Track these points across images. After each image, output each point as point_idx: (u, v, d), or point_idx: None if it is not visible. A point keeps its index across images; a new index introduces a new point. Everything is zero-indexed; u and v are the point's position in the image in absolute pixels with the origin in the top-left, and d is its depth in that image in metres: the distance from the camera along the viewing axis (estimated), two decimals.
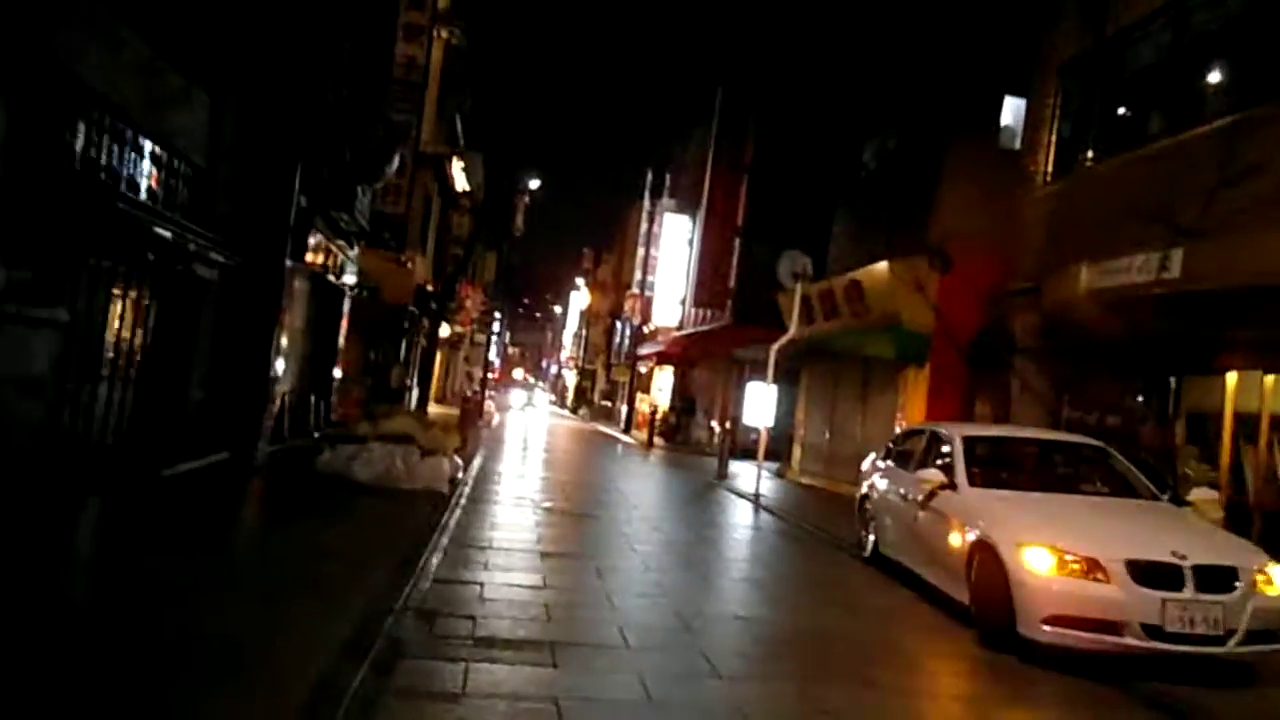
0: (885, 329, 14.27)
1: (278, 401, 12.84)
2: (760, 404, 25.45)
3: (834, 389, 17.65)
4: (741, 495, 14.84)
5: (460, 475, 11.65)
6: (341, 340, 17.08)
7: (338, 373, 17.16)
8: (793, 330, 14.65)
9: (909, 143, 15.73)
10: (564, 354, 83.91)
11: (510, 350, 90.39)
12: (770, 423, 26.18)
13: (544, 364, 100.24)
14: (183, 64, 9.26)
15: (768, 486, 16.05)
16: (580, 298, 70.50)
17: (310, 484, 9.89)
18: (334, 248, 14.85)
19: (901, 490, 8.13)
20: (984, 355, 13.48)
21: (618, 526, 10.17)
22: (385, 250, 19.35)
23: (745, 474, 17.94)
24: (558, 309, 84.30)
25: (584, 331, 72.69)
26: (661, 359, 32.03)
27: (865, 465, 9.86)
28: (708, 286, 25.81)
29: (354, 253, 16.80)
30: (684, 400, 29.20)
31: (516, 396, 43.19)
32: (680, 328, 32.12)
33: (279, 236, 12.09)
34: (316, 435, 15.13)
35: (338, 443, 10.30)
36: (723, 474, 16.97)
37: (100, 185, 7.20)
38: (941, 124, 14.55)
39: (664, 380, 36.19)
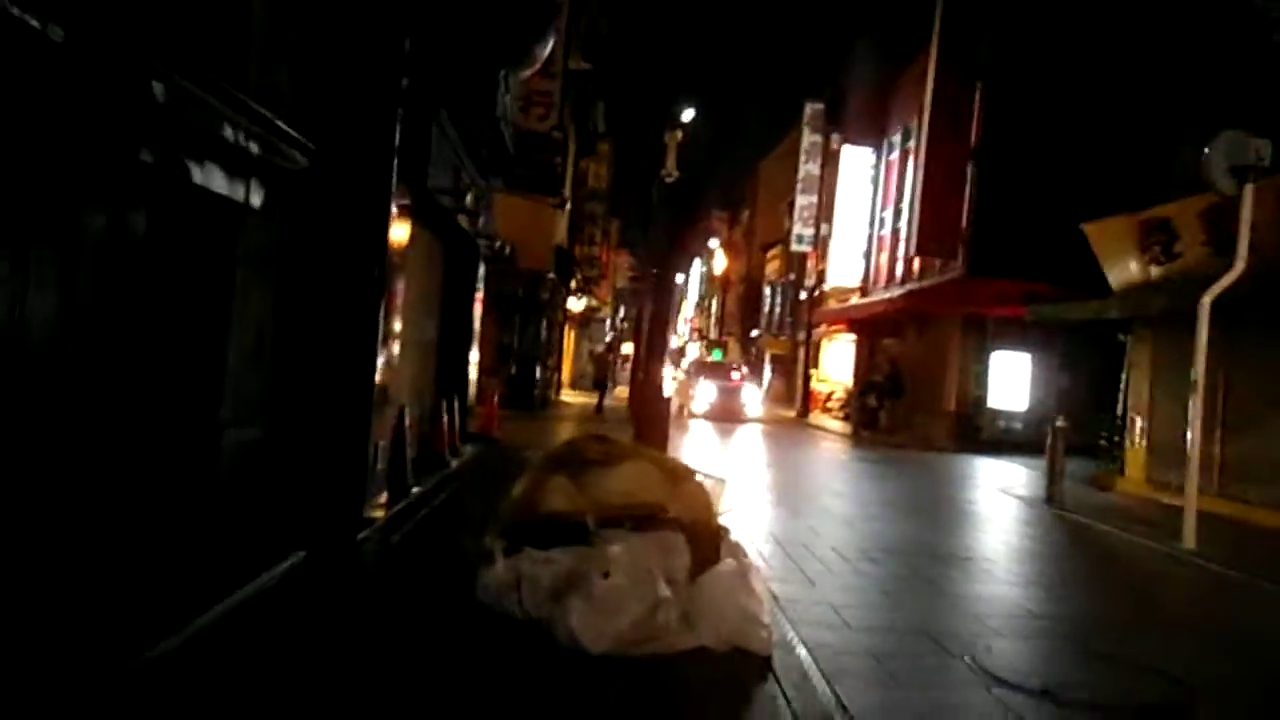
0: None
1: (390, 427, 7.63)
2: (1015, 380, 19.35)
3: (1214, 363, 11.36)
4: (1145, 544, 8.93)
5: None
6: (475, 319, 11.85)
7: (474, 360, 11.96)
8: (1240, 265, 8.58)
9: None
10: (686, 326, 77.67)
11: (623, 325, 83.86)
12: (1024, 405, 19.95)
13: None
14: None
15: (1116, 507, 10.17)
16: (710, 262, 64.09)
17: (471, 660, 4.09)
18: (466, 175, 9.57)
19: None
20: None
21: None
22: (527, 193, 14.06)
23: (1019, 478, 12.72)
24: (680, 277, 78.41)
25: (711, 301, 66.51)
26: (856, 325, 25.97)
27: None
28: (929, 230, 19.59)
29: (490, 191, 11.56)
30: (887, 377, 23.09)
31: (704, 389, 24.32)
32: (864, 287, 25.97)
33: (380, 138, 6.78)
34: (454, 464, 9.97)
35: (514, 536, 4.89)
36: (1054, 494, 11.10)
37: None
38: None
39: (838, 352, 30.13)
